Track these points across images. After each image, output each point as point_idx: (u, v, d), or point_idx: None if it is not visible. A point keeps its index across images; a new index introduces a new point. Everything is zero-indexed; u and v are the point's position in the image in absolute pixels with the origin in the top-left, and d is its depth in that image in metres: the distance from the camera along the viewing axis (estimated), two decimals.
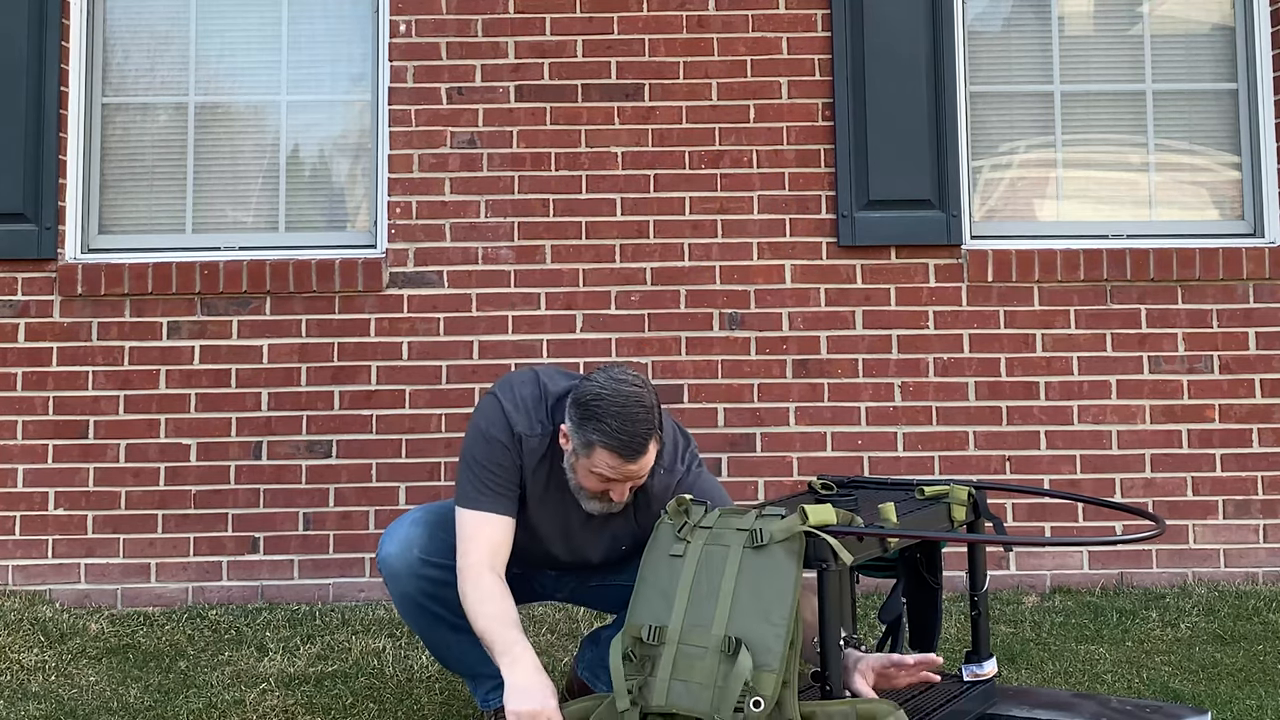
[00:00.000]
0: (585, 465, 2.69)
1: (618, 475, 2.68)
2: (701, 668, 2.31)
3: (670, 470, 2.83)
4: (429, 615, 2.89)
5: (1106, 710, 2.78)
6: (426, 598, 2.87)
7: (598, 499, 2.76)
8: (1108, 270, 4.63)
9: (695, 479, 2.84)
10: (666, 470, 2.82)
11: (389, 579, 2.90)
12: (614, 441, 2.62)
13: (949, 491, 2.73)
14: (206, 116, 4.90)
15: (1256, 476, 4.60)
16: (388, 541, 2.91)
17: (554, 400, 2.83)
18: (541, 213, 4.67)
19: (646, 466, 2.70)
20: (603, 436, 2.63)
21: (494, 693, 3.01)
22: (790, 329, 4.64)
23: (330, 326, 4.61)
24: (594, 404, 2.65)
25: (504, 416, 2.81)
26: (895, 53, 4.69)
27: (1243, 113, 4.85)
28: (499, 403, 2.84)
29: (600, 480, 2.70)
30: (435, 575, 2.85)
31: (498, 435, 2.80)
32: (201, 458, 4.56)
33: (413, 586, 2.87)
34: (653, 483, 2.80)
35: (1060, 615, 4.18)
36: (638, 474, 2.70)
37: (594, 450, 2.65)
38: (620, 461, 2.64)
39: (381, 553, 2.90)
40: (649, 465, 2.70)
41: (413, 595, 2.88)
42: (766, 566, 2.33)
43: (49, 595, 4.47)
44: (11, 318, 4.60)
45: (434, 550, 2.86)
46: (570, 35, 4.73)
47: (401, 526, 2.93)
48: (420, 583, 2.86)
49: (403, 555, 2.86)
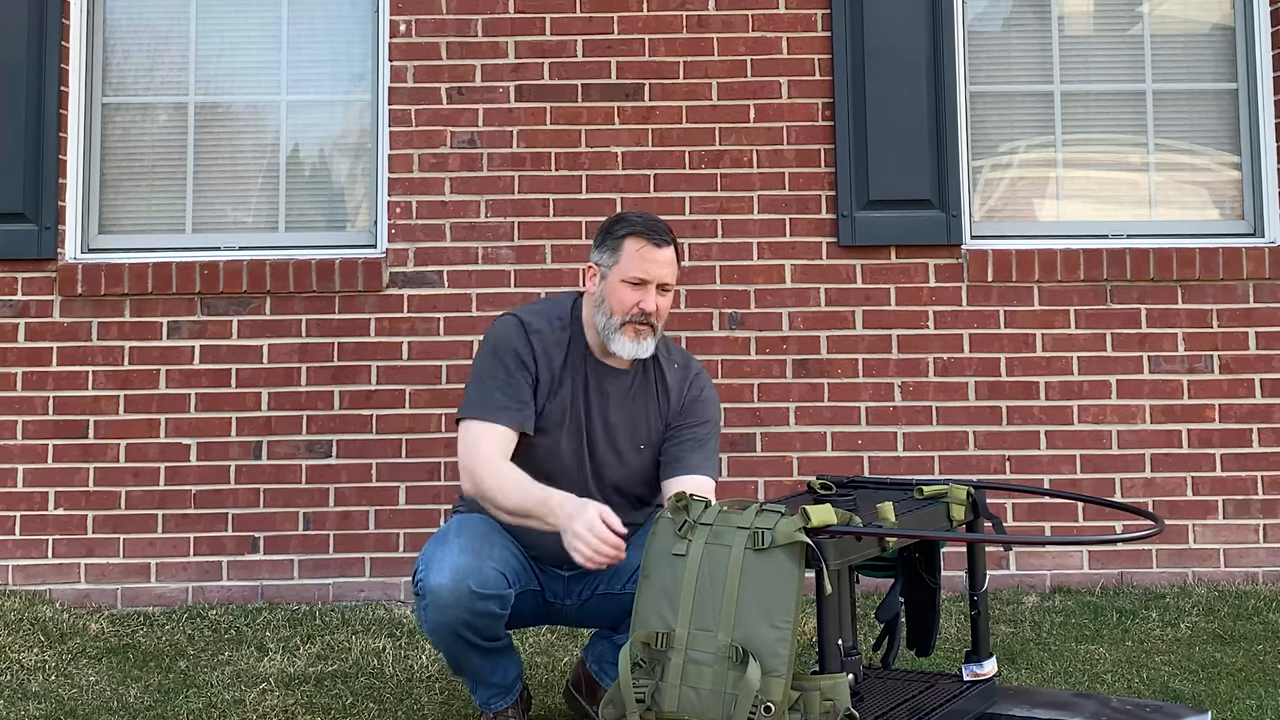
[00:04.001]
0: (615, 274, 2.92)
1: (646, 274, 2.90)
2: (710, 675, 2.33)
3: (685, 366, 3.07)
4: (462, 641, 2.86)
5: (1106, 710, 2.78)
6: (466, 628, 2.82)
7: (632, 326, 2.90)
8: (1108, 270, 4.63)
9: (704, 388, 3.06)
10: (682, 366, 3.07)
11: (434, 607, 2.81)
12: (640, 228, 2.94)
13: (947, 491, 2.73)
14: (206, 116, 4.90)
15: (1256, 476, 4.60)
16: (435, 571, 2.80)
17: (572, 299, 3.06)
18: (541, 213, 4.67)
19: (671, 265, 2.96)
20: (629, 227, 2.95)
21: (496, 698, 3.03)
22: (790, 329, 4.64)
23: (330, 326, 4.61)
24: (618, 218, 3.04)
25: (517, 321, 2.99)
26: (895, 53, 4.69)
27: (1243, 113, 4.85)
28: (513, 315, 3.03)
29: (631, 288, 2.90)
30: (482, 608, 2.80)
31: (512, 343, 2.96)
32: (201, 458, 4.56)
33: (458, 618, 2.80)
34: (671, 373, 3.03)
35: (1060, 615, 4.18)
36: (664, 272, 2.93)
37: (622, 246, 2.93)
38: (649, 246, 2.91)
39: (431, 581, 2.80)
40: (673, 268, 2.96)
41: (453, 625, 2.82)
42: (769, 569, 2.33)
43: (49, 595, 4.47)
44: (11, 318, 4.60)
45: (485, 581, 2.81)
46: (570, 35, 4.73)
47: (450, 554, 2.82)
48: (467, 615, 2.80)
49: (456, 588, 2.78)
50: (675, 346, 3.15)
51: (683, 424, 3.01)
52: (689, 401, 3.03)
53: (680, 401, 3.02)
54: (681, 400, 3.02)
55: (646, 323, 2.93)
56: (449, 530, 2.94)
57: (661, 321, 2.98)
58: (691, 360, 3.12)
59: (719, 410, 3.12)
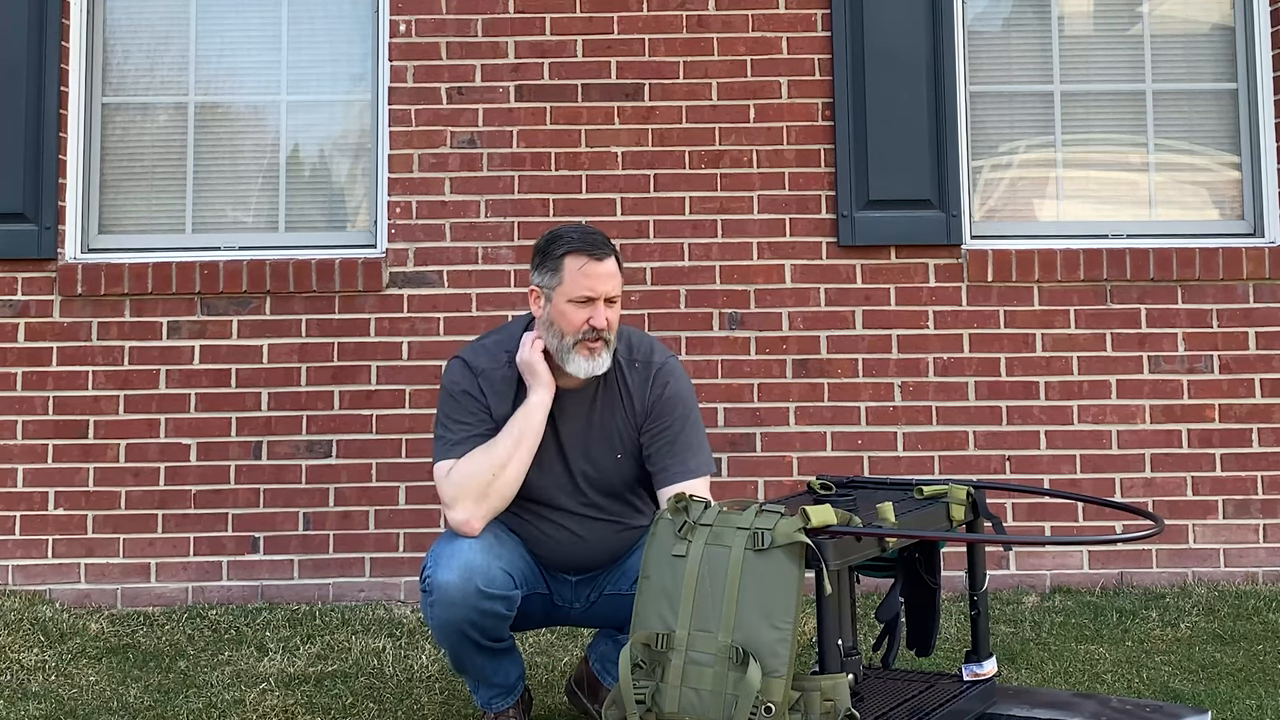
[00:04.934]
0: (560, 296, 2.88)
1: (592, 291, 2.86)
2: (711, 675, 2.33)
3: (646, 365, 3.01)
4: (466, 640, 2.86)
5: (1106, 710, 2.78)
6: (472, 627, 2.83)
7: (585, 345, 2.87)
8: (1108, 270, 4.63)
9: (666, 383, 2.99)
10: (643, 365, 3.01)
11: (441, 604, 2.82)
12: (578, 244, 2.89)
13: (947, 491, 2.73)
14: (206, 116, 4.90)
15: (1256, 476, 4.60)
16: (444, 568, 2.81)
17: (524, 325, 3.03)
18: (541, 213, 4.67)
19: (615, 277, 2.92)
20: (567, 245, 2.90)
21: (497, 698, 3.03)
22: (790, 329, 4.64)
23: (330, 326, 4.61)
24: (552, 236, 2.97)
25: (464, 365, 3.00)
26: (895, 53, 4.69)
27: (1243, 113, 4.85)
28: (459, 358, 3.03)
29: (578, 306, 2.87)
30: (489, 608, 2.81)
31: (459, 385, 2.97)
32: (201, 458, 4.56)
33: (464, 616, 2.81)
34: (633, 377, 2.98)
35: (1060, 615, 4.18)
36: (609, 285, 2.89)
37: (563, 265, 2.88)
38: (589, 262, 2.87)
39: (439, 578, 2.81)
40: (617, 279, 2.92)
41: (459, 624, 2.83)
42: (769, 570, 2.33)
43: (49, 595, 4.47)
44: (11, 318, 4.60)
45: (493, 580, 2.82)
46: (570, 35, 4.73)
47: (459, 552, 2.82)
48: (473, 614, 2.81)
49: (463, 586, 2.79)
50: (643, 343, 3.06)
51: (654, 428, 2.97)
52: (653, 402, 2.98)
53: (645, 405, 2.98)
54: (645, 404, 2.98)
55: (599, 338, 2.90)
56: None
57: (614, 333, 2.94)
58: (655, 356, 3.03)
59: (688, 402, 3.02)
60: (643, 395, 2.98)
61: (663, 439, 2.96)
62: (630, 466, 3.00)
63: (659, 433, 2.97)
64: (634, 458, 2.99)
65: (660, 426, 2.97)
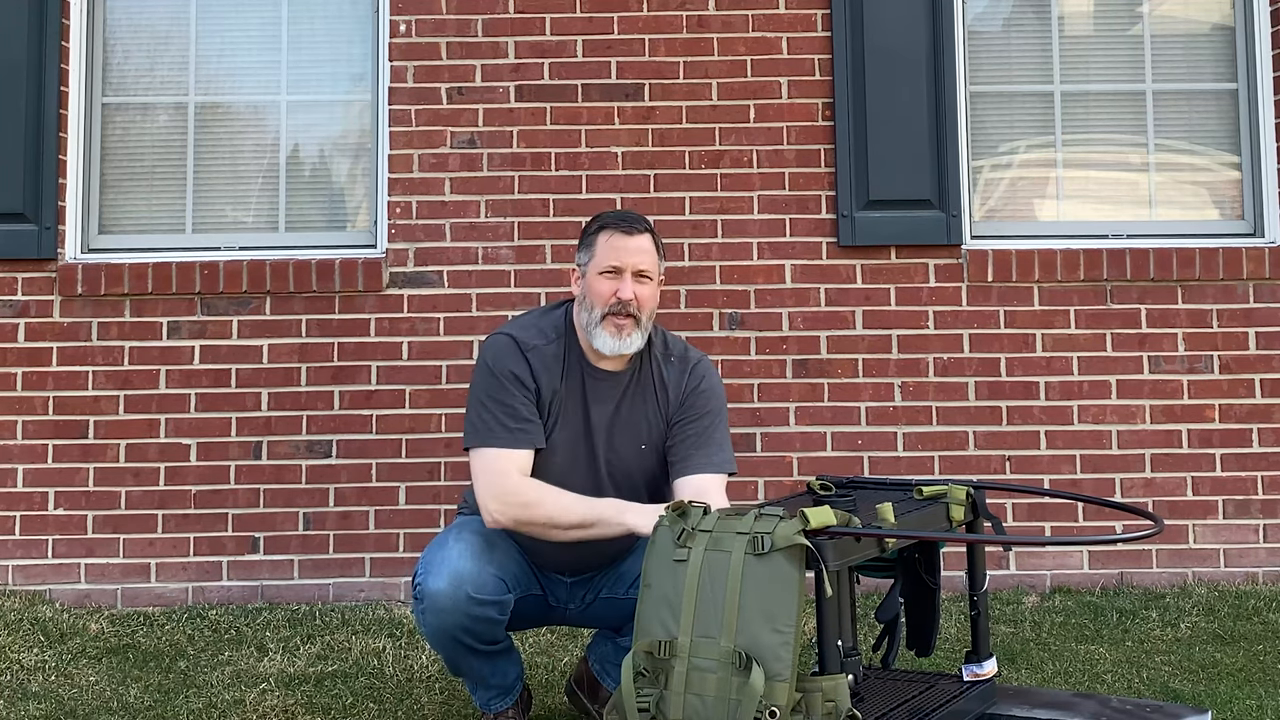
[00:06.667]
0: (592, 270, 2.93)
1: (619, 262, 2.90)
2: (714, 681, 2.33)
3: (684, 359, 3.04)
4: (460, 645, 2.86)
5: (1106, 710, 2.78)
6: (465, 633, 2.83)
7: (613, 320, 2.88)
8: (1108, 270, 4.63)
9: (702, 378, 3.02)
10: (680, 360, 3.03)
11: (432, 612, 2.81)
12: (611, 220, 2.98)
13: (947, 491, 2.73)
14: (206, 116, 4.90)
15: (1256, 476, 4.60)
16: (434, 576, 2.80)
17: (565, 307, 3.04)
18: (541, 213, 4.67)
19: (646, 253, 2.95)
20: (601, 222, 2.99)
21: (496, 699, 3.03)
22: (790, 329, 4.64)
23: (330, 326, 4.61)
24: (594, 217, 3.06)
25: (511, 340, 2.96)
26: (895, 53, 4.69)
27: (1243, 113, 4.85)
28: (506, 335, 2.99)
29: (607, 279, 2.90)
30: (480, 614, 2.80)
31: (507, 364, 2.92)
32: (201, 458, 4.56)
33: (456, 623, 2.81)
34: (669, 370, 3.01)
35: (1060, 615, 4.18)
36: (637, 259, 2.92)
37: (596, 241, 2.95)
38: (618, 235, 2.93)
39: (429, 586, 2.81)
40: (649, 255, 2.95)
41: (451, 630, 2.82)
42: (769, 574, 2.33)
43: (49, 595, 4.47)
44: (11, 318, 4.60)
45: (483, 586, 2.81)
46: (570, 35, 4.73)
47: (449, 559, 2.82)
48: (465, 620, 2.80)
49: (453, 594, 2.78)
50: (678, 342, 3.10)
51: (683, 418, 2.98)
52: (687, 394, 2.99)
53: (680, 395, 2.99)
54: (681, 394, 2.99)
55: (627, 313, 2.88)
56: (449, 534, 2.94)
57: (645, 314, 2.92)
58: (691, 353, 3.07)
59: (721, 400, 3.05)
60: (679, 386, 3.00)
61: (692, 429, 2.96)
62: (652, 460, 2.99)
63: (689, 423, 2.97)
64: (657, 451, 2.98)
65: (691, 417, 2.98)
